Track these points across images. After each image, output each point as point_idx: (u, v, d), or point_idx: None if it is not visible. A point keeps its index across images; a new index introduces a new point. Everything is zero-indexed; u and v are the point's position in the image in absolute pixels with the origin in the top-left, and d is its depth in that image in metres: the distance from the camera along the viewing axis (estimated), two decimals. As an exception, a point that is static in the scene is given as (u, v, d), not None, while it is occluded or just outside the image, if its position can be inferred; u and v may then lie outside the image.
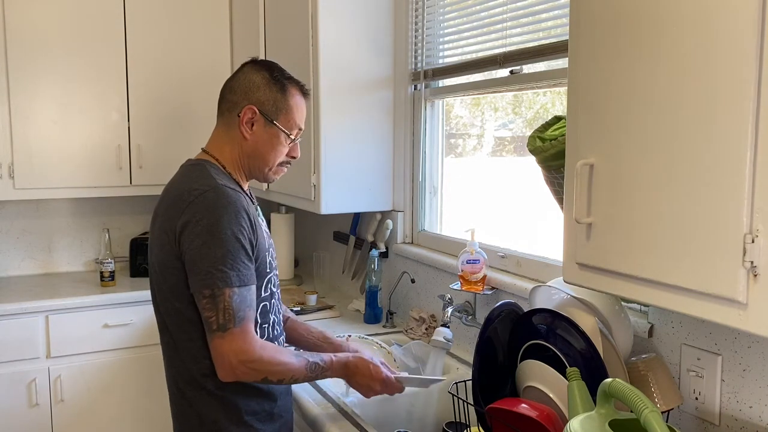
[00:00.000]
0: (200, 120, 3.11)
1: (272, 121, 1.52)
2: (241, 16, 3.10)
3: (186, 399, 1.46)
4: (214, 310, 1.35)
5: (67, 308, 2.71)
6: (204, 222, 1.37)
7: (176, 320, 1.43)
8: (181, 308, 1.42)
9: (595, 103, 1.09)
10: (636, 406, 0.95)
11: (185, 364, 1.44)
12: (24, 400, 2.65)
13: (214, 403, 1.44)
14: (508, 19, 1.93)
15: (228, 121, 1.54)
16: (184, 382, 1.46)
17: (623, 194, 1.04)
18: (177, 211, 1.40)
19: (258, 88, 1.51)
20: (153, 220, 1.53)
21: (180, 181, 1.48)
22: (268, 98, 1.52)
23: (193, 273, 1.37)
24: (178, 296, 1.41)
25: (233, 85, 1.55)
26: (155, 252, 1.47)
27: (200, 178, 1.45)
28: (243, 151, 1.53)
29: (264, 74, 1.53)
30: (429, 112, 2.39)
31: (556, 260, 1.75)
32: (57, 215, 3.22)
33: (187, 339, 1.43)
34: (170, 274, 1.41)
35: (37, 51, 2.82)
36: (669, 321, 1.38)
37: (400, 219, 2.48)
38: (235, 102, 1.52)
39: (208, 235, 1.36)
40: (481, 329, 1.41)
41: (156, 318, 1.53)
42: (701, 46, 0.91)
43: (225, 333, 1.35)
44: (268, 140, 1.53)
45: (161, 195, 1.53)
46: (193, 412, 1.45)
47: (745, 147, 0.86)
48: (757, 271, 0.86)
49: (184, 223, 1.38)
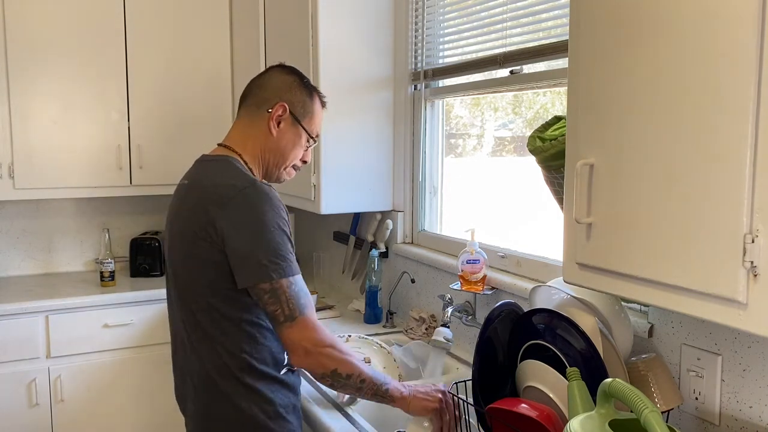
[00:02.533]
0: (200, 120, 3.11)
1: (299, 121, 1.58)
2: (241, 17, 3.09)
3: (222, 392, 1.45)
4: (278, 303, 1.38)
5: (67, 308, 2.71)
6: (250, 217, 1.39)
7: (210, 316, 1.44)
8: (215, 304, 1.43)
9: (595, 103, 1.09)
10: (636, 406, 0.95)
11: (222, 359, 1.44)
12: (24, 400, 2.65)
13: (251, 396, 1.44)
14: (508, 19, 1.93)
15: (254, 116, 1.58)
16: (219, 376, 1.45)
17: (623, 194, 1.04)
18: (216, 207, 1.41)
19: (290, 88, 1.58)
20: (175, 216, 1.53)
21: (211, 177, 1.49)
22: (298, 100, 1.58)
23: (245, 268, 1.38)
24: (214, 292, 1.43)
25: (263, 83, 1.60)
26: (185, 249, 1.47)
27: (235, 174, 1.47)
28: (266, 146, 1.57)
29: (294, 77, 1.60)
30: (429, 112, 2.39)
31: (556, 260, 1.75)
32: (57, 215, 3.22)
33: (221, 334, 1.44)
34: (209, 270, 1.42)
35: (37, 51, 2.82)
36: (669, 321, 1.38)
37: (400, 219, 2.48)
38: (266, 98, 1.57)
39: (256, 229, 1.39)
40: (481, 329, 1.41)
41: (178, 315, 1.52)
42: (701, 46, 0.91)
43: (293, 323, 1.38)
44: (291, 139, 1.59)
45: (184, 191, 1.54)
46: (229, 404, 1.44)
47: (745, 147, 0.86)
48: (757, 271, 0.86)
49: (228, 219, 1.40)
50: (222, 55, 3.18)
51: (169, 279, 1.57)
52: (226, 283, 1.41)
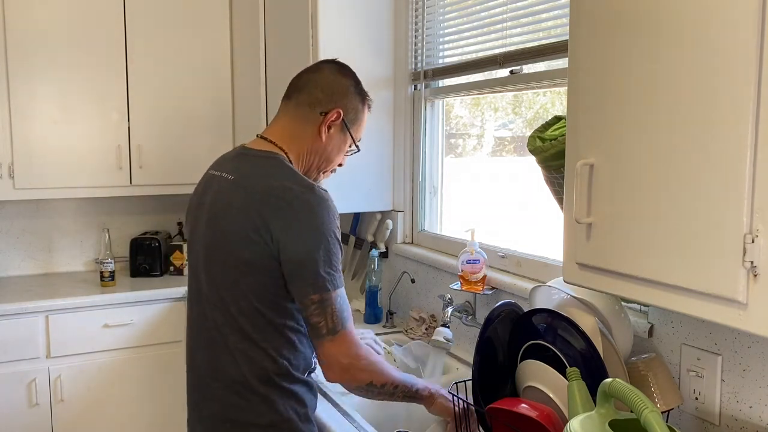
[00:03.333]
0: (200, 120, 3.11)
1: (348, 128, 1.54)
2: (241, 17, 3.09)
3: (259, 395, 1.41)
4: (323, 315, 1.35)
5: (67, 308, 2.71)
6: (309, 225, 1.35)
7: (254, 321, 1.40)
8: (261, 309, 1.39)
9: (595, 103, 1.09)
10: (636, 406, 0.95)
11: (262, 363, 1.41)
12: (24, 400, 2.65)
13: (288, 399, 1.43)
14: (508, 19, 1.93)
15: (305, 115, 1.51)
16: (257, 379, 1.41)
17: (623, 194, 1.04)
18: (273, 211, 1.35)
19: (347, 93, 1.53)
20: (218, 212, 1.44)
21: (264, 175, 1.41)
22: (352, 106, 1.54)
23: (300, 277, 1.35)
24: (261, 297, 1.39)
25: (320, 81, 1.52)
26: (231, 250, 1.40)
27: (289, 175, 1.41)
28: (312, 148, 1.52)
29: (351, 81, 1.55)
30: (429, 112, 2.39)
31: (556, 260, 1.75)
32: (57, 215, 3.22)
33: (262, 339, 1.40)
34: (258, 274, 1.37)
35: (37, 51, 2.82)
36: (669, 321, 1.38)
37: (400, 219, 2.48)
38: (321, 100, 1.50)
39: (315, 238, 1.35)
40: (481, 329, 1.41)
41: (213, 315, 1.45)
42: (701, 46, 0.91)
43: (335, 336, 1.36)
44: (337, 144, 1.54)
45: (227, 185, 1.44)
46: (265, 407, 1.41)
47: (745, 147, 0.86)
48: (757, 271, 0.86)
49: (286, 224, 1.35)
50: (222, 56, 3.18)
51: (200, 277, 1.48)
52: (275, 289, 1.38)
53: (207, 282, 1.46)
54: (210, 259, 1.45)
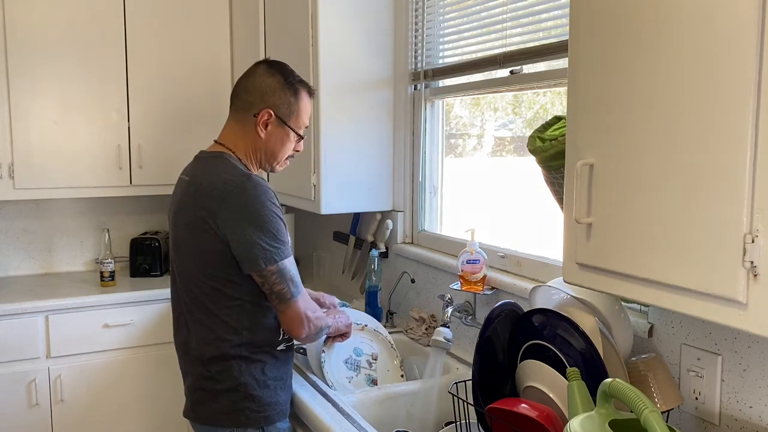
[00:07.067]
0: (200, 120, 3.11)
1: (285, 122, 1.67)
2: (241, 16, 3.10)
3: (222, 365, 1.59)
4: (284, 282, 1.55)
5: (67, 308, 2.71)
6: (249, 209, 1.52)
7: (215, 298, 1.58)
8: (217, 286, 1.57)
9: (595, 103, 1.09)
10: (636, 406, 0.95)
11: (225, 335, 1.58)
12: (24, 400, 2.65)
13: (246, 367, 1.59)
14: (508, 19, 1.93)
15: (243, 119, 1.67)
16: (221, 351, 1.59)
17: (623, 194, 1.04)
18: (215, 201, 1.53)
19: (274, 92, 1.65)
20: (179, 209, 1.65)
21: (209, 172, 1.60)
22: (282, 102, 1.66)
23: (251, 255, 1.51)
24: (215, 277, 1.57)
25: (248, 85, 1.67)
26: (189, 239, 1.60)
27: (231, 169, 1.59)
28: (256, 146, 1.68)
29: (279, 78, 1.67)
30: (429, 112, 2.39)
31: (556, 260, 1.75)
32: (57, 215, 3.22)
33: (226, 314, 1.58)
34: (211, 258, 1.56)
35: (37, 51, 2.82)
36: (669, 321, 1.38)
37: (400, 219, 2.48)
38: (252, 102, 1.66)
39: (255, 219, 1.52)
40: (481, 329, 1.41)
41: (182, 297, 1.65)
42: (701, 46, 0.91)
43: (298, 297, 1.58)
44: (279, 139, 1.69)
45: (185, 186, 1.64)
46: (226, 375, 1.59)
47: (745, 147, 0.86)
48: (757, 271, 0.86)
49: (228, 211, 1.52)
50: (222, 56, 3.18)
51: (174, 266, 1.69)
52: (229, 268, 1.55)
53: (178, 271, 1.67)
54: (178, 250, 1.66)
